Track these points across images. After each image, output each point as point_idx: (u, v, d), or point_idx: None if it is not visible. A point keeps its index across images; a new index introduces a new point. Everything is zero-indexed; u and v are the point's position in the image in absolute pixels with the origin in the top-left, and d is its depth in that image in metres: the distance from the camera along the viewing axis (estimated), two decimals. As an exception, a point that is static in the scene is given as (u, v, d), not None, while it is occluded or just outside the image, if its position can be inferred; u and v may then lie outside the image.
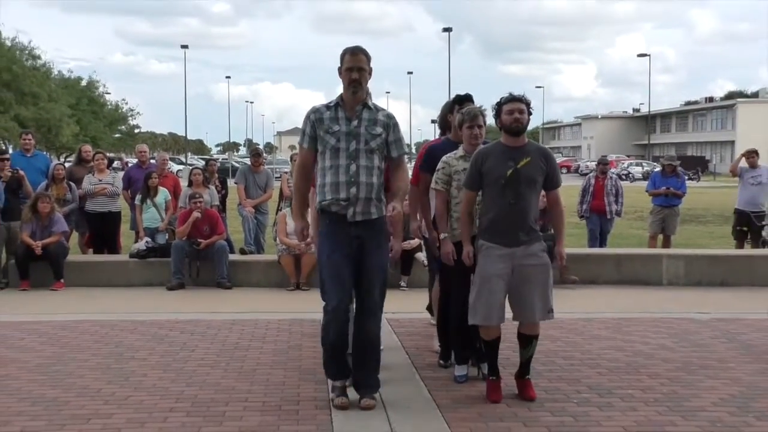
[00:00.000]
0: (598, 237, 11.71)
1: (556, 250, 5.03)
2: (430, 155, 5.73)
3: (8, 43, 41.21)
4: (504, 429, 4.44)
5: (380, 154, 4.83)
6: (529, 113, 4.96)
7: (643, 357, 6.03)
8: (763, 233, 11.72)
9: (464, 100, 5.87)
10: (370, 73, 4.86)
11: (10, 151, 14.92)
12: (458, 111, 5.72)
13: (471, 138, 5.35)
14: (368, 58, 4.83)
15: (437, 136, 6.62)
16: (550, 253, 5.02)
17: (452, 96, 6.26)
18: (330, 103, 4.89)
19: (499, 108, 4.97)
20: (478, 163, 4.94)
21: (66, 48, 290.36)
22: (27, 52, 43.47)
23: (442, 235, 5.29)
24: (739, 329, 7.01)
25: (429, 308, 6.90)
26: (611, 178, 11.94)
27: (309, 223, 5.07)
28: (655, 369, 5.69)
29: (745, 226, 11.78)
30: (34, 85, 40.93)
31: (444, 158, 5.43)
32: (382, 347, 6.09)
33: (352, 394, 4.84)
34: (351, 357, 4.96)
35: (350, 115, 4.80)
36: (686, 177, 15.14)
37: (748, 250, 11.34)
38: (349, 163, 4.74)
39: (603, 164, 12.27)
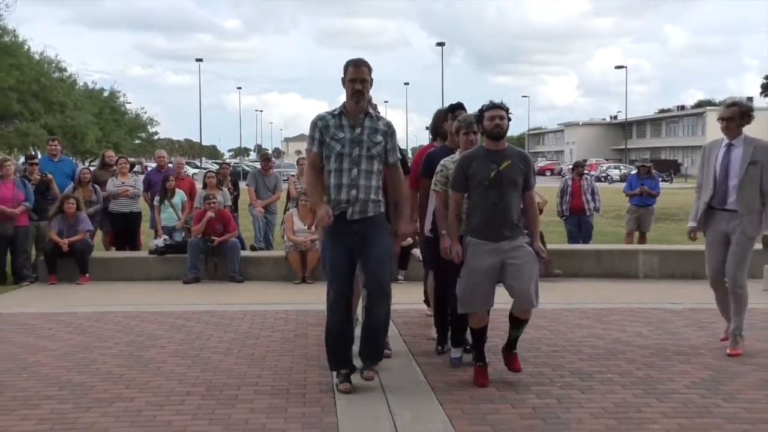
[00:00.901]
0: (578, 236, 11.62)
1: (535, 246, 5.00)
2: (428, 161, 5.69)
3: (37, 56, 41.08)
4: (493, 410, 4.44)
5: (379, 160, 4.84)
6: (509, 119, 4.95)
7: (620, 344, 6.03)
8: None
9: (456, 108, 5.87)
10: (371, 84, 4.85)
11: (39, 156, 14.90)
12: (452, 119, 5.71)
13: (467, 144, 5.31)
14: (370, 69, 4.83)
15: (429, 142, 6.58)
16: None
17: (445, 104, 6.25)
18: (334, 111, 4.88)
19: (481, 115, 4.96)
20: (464, 167, 4.93)
21: (90, 61, 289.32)
22: (54, 65, 43.38)
23: (441, 232, 5.24)
24: (709, 318, 7.00)
25: (426, 300, 6.90)
26: (587, 179, 11.90)
27: (324, 212, 4.84)
28: (632, 355, 5.69)
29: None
30: (61, 95, 40.83)
31: (442, 162, 5.40)
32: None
33: (356, 379, 4.85)
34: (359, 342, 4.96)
35: (353, 123, 4.80)
36: (660, 179, 15.13)
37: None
38: (351, 167, 4.74)
39: (580, 167, 12.24)
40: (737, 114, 5.70)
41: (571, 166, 13.39)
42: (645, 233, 12.27)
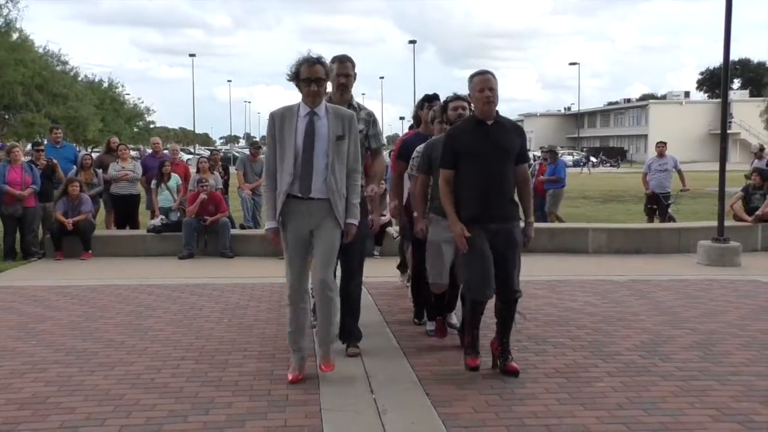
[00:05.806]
0: (539, 215, 11.66)
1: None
2: (404, 147, 5.64)
3: (41, 51, 40.13)
4: (458, 371, 4.47)
5: (362, 146, 4.79)
6: (471, 111, 4.94)
7: (572, 312, 6.10)
8: (669, 210, 11.91)
9: (432, 99, 5.81)
10: (354, 78, 4.82)
11: (45, 142, 14.66)
12: (428, 108, 5.66)
13: (441, 131, 5.25)
14: (353, 65, 4.81)
15: (409, 129, 6.53)
16: None
17: (418, 96, 6.23)
18: None
19: (445, 105, 5.00)
20: (428, 152, 4.94)
21: (90, 56, 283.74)
22: (56, 58, 42.48)
23: (415, 213, 5.15)
24: (648, 288, 7.12)
25: (399, 267, 6.87)
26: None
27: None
28: (582, 321, 5.76)
29: (655, 204, 11.97)
30: (63, 87, 39.95)
31: (418, 148, 5.31)
32: None
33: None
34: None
35: None
36: (571, 164, 15.09)
37: (656, 224, 11.49)
38: None
39: (545, 152, 12.26)
40: (323, 73, 4.08)
41: (539, 152, 13.46)
42: (553, 212, 12.17)
